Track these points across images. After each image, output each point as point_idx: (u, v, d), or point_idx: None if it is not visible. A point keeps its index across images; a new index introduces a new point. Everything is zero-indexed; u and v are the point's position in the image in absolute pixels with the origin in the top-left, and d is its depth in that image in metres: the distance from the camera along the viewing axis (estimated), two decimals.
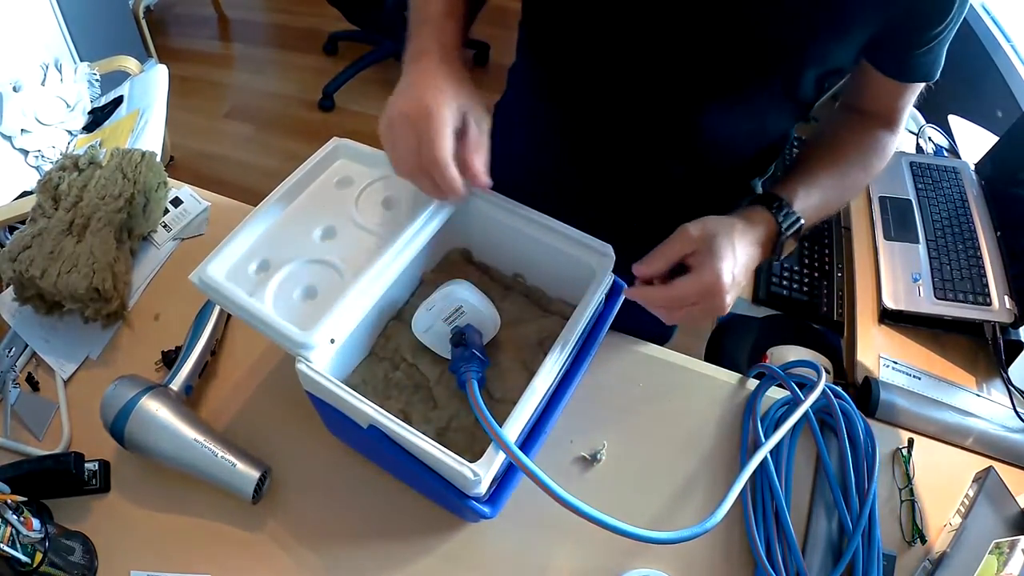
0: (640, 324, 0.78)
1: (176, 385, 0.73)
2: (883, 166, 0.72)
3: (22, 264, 0.79)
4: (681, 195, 0.78)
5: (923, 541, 0.68)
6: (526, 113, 0.85)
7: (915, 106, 0.71)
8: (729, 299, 0.58)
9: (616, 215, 0.79)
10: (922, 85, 0.68)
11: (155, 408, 0.68)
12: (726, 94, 0.67)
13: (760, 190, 0.85)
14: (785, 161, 1.27)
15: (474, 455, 0.54)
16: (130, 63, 1.93)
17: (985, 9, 1.58)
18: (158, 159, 0.93)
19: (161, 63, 1.96)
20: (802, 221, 0.64)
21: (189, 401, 0.74)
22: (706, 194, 0.78)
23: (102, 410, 0.68)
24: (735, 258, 0.58)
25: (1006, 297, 0.94)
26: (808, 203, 0.66)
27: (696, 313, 0.59)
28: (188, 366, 0.75)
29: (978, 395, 0.88)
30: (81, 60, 1.97)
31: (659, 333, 1.00)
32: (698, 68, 0.65)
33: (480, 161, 0.58)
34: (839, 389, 0.74)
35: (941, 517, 0.70)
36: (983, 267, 0.98)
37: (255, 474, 0.67)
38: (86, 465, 0.69)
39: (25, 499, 0.62)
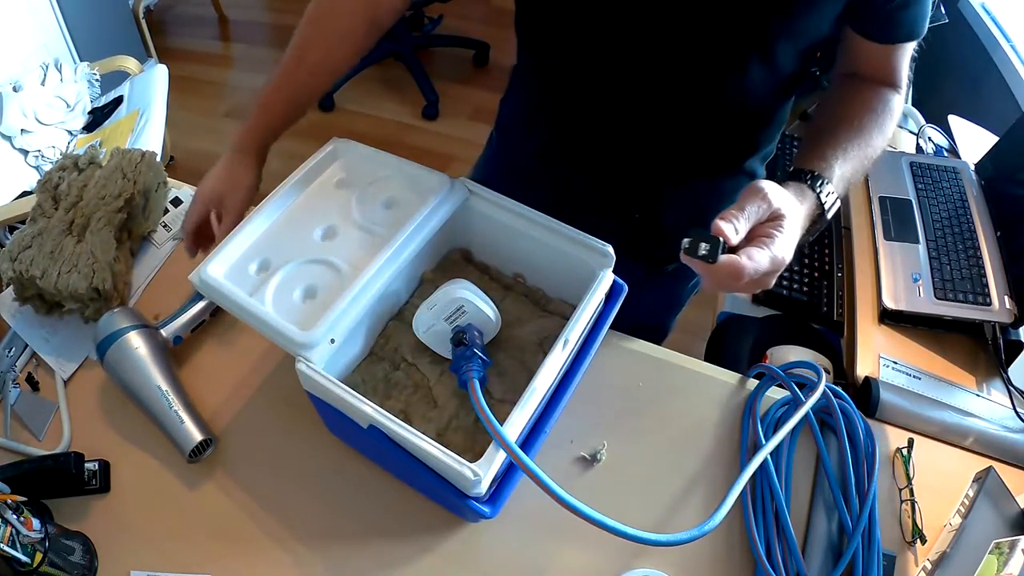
0: (638, 320, 0.79)
1: (167, 332, 0.77)
2: (895, 127, 0.70)
3: (22, 264, 0.79)
4: (674, 180, 0.80)
5: (923, 541, 0.68)
6: (526, 116, 0.87)
7: (915, 106, 0.71)
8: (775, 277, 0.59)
9: (615, 209, 0.83)
10: (912, 44, 0.67)
11: (137, 345, 0.73)
12: (705, 74, 0.67)
13: (763, 173, 0.85)
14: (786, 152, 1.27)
15: (474, 455, 0.54)
16: (130, 63, 1.93)
17: (985, 9, 1.57)
18: (158, 159, 0.93)
19: (161, 63, 1.96)
20: (839, 200, 0.63)
21: (176, 351, 0.78)
22: (700, 177, 0.80)
23: (96, 329, 0.75)
24: (795, 237, 0.58)
25: (1006, 297, 0.94)
26: (843, 174, 0.64)
27: (751, 285, 0.59)
28: (184, 318, 0.79)
29: (978, 395, 0.88)
30: (81, 60, 1.97)
31: (659, 323, 1.00)
32: (680, 49, 0.66)
33: (196, 240, 0.77)
34: (839, 389, 0.74)
35: (941, 517, 0.70)
36: (983, 267, 0.98)
37: (197, 437, 0.69)
38: (86, 465, 0.69)
39: (25, 499, 0.62)
